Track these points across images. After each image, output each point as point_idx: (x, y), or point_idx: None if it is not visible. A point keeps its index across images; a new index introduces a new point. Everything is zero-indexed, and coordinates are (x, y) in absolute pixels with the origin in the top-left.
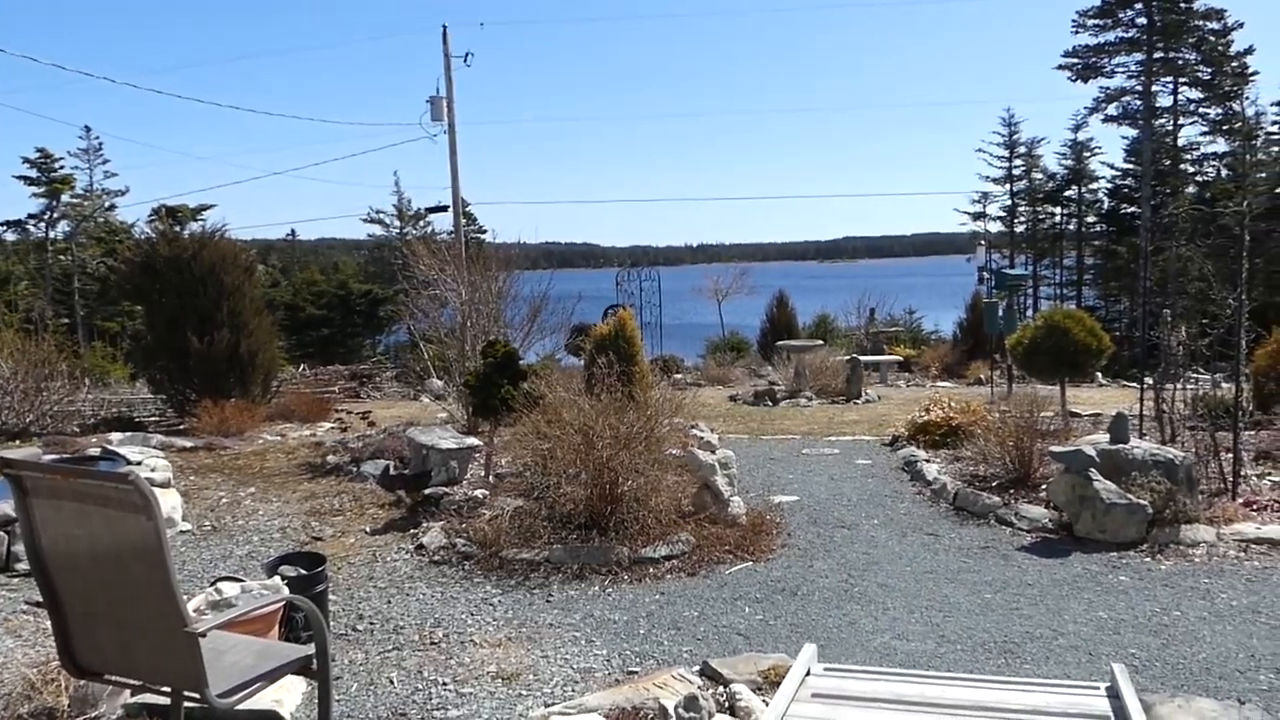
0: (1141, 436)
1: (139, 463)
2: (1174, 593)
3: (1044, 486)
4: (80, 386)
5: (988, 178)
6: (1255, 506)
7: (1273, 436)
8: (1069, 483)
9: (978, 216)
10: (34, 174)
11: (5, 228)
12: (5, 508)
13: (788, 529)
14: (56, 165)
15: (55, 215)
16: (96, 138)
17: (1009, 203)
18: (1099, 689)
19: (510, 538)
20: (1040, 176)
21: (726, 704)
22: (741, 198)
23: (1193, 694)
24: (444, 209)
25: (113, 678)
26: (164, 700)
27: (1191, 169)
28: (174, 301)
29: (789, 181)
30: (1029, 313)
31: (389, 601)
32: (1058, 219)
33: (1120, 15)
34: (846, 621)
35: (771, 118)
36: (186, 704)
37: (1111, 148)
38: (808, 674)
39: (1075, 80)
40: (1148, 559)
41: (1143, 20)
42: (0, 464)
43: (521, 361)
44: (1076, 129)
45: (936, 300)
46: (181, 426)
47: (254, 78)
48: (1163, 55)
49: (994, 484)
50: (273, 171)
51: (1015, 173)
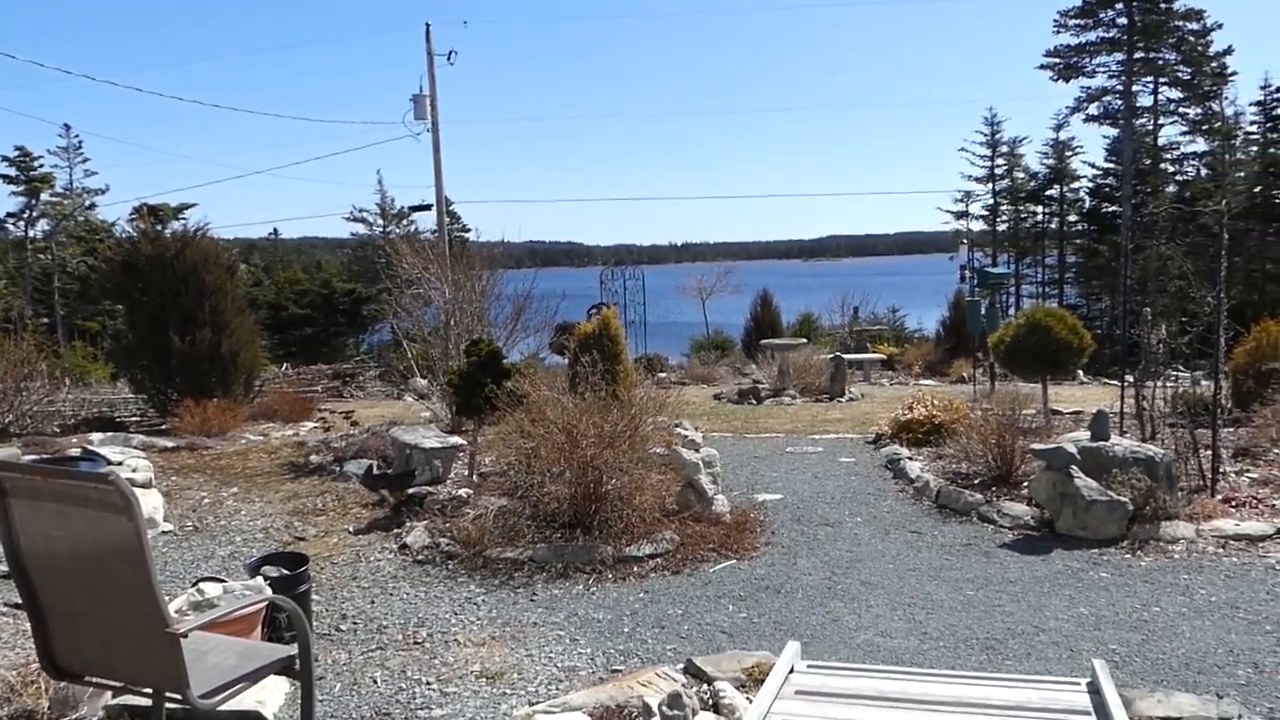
0: (1122, 434)
1: (120, 463)
2: (1154, 589)
3: (1026, 484)
4: (60, 386)
5: (970, 177)
6: (1234, 503)
7: (1251, 433)
8: (1050, 480)
9: (960, 215)
10: (13, 172)
11: None
12: None
13: (771, 527)
14: (36, 164)
15: (34, 214)
16: (76, 136)
17: (991, 201)
18: (1080, 685)
19: (494, 537)
20: (1022, 175)
21: (710, 702)
22: (726, 196)
23: (1172, 689)
24: (427, 207)
25: (93, 679)
26: (145, 702)
27: (1171, 168)
28: (156, 301)
29: (773, 181)
30: (1011, 311)
31: (372, 601)
32: (1039, 218)
33: (1101, 15)
34: (830, 619)
35: (757, 117)
36: (168, 705)
37: (1093, 147)
38: (791, 671)
39: (1057, 80)
40: (1128, 555)
41: (1123, 20)
42: None
43: (505, 360)
44: (1058, 128)
45: (919, 299)
46: (163, 426)
47: (238, 76)
48: (1143, 55)
49: (976, 481)
50: (255, 170)
51: (998, 172)
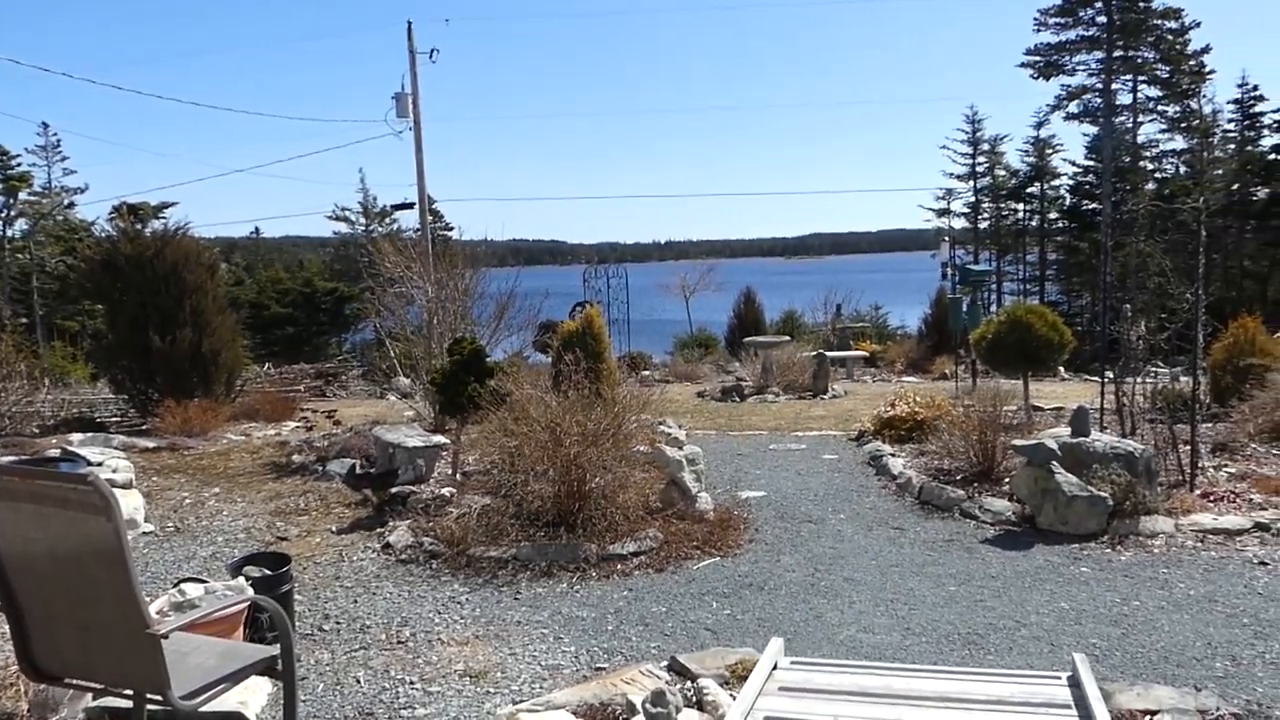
0: (1102, 430)
1: (100, 464)
2: (1133, 583)
3: (1007, 480)
4: (39, 387)
5: (952, 174)
6: (1212, 498)
7: (1229, 429)
8: (1031, 476)
9: (942, 213)
10: None
11: None
12: None
13: (755, 524)
14: (13, 162)
15: (12, 213)
16: (54, 134)
17: (973, 199)
18: (1060, 678)
19: (478, 536)
20: (1003, 173)
21: (694, 699)
22: (709, 194)
23: (1152, 682)
24: (410, 206)
25: (73, 681)
26: (126, 704)
27: (1151, 166)
28: (136, 300)
29: (757, 179)
30: (992, 308)
31: (355, 601)
32: (1020, 215)
33: (1081, 14)
34: (813, 615)
35: (740, 115)
36: (149, 707)
37: (1073, 145)
38: (775, 667)
39: (1037, 78)
40: (1108, 550)
41: (1103, 19)
42: None
43: (489, 359)
44: (1039, 126)
45: (901, 296)
46: (144, 427)
47: (219, 74)
48: (1122, 53)
49: (958, 478)
50: (236, 169)
51: (979, 169)
